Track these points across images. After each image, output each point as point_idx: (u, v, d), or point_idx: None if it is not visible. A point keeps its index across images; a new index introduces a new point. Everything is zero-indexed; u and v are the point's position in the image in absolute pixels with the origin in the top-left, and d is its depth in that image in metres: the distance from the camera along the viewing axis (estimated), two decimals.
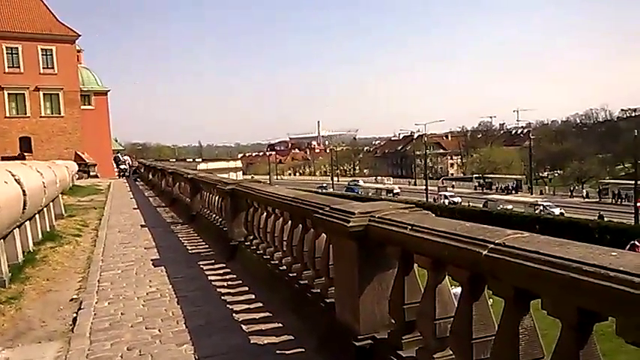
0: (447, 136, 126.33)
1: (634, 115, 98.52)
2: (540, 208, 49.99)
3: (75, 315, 5.78)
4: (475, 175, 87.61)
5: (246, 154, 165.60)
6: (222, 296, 6.09)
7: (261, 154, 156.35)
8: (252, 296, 5.94)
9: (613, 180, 70.52)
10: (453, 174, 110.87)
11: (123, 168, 40.47)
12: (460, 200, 61.03)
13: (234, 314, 5.40)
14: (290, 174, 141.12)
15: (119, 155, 48.60)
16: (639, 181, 44.83)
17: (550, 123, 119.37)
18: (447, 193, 68.92)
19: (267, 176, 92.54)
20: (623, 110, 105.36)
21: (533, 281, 2.20)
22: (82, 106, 53.57)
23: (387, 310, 3.60)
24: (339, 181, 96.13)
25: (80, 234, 11.76)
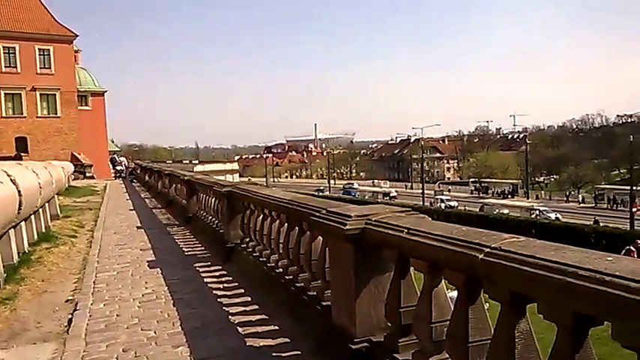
0: (443, 140, 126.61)
1: (630, 121, 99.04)
2: (537, 212, 50.14)
3: (70, 316, 5.77)
4: (471, 180, 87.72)
5: (243, 156, 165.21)
6: (219, 298, 6.09)
7: (258, 156, 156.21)
8: (249, 299, 5.94)
9: (609, 185, 70.78)
10: (449, 178, 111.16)
11: (119, 169, 40.48)
12: (456, 204, 61.21)
13: (230, 316, 5.40)
14: (287, 177, 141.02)
15: (115, 156, 48.58)
16: (635, 187, 44.99)
17: (546, 128, 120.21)
18: (443, 197, 68.93)
19: (264, 179, 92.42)
20: (619, 116, 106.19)
21: (529, 285, 2.21)
22: (78, 107, 53.38)
23: (383, 314, 3.60)
24: (335, 184, 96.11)
25: (76, 235, 11.73)
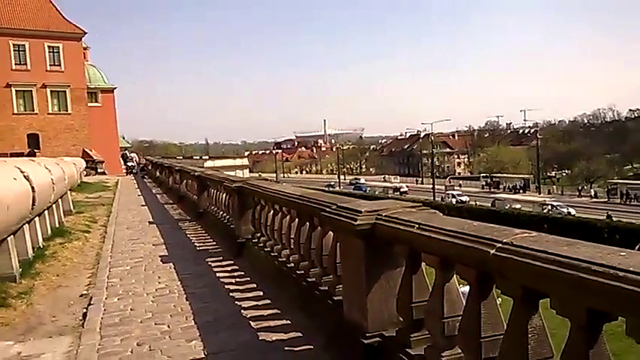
0: (453, 136, 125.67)
1: None
2: (549, 207, 49.66)
3: (85, 310, 5.85)
4: (482, 175, 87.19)
5: (253, 152, 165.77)
6: (231, 293, 6.13)
7: (268, 152, 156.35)
8: (260, 293, 5.98)
9: (621, 180, 70.03)
10: (460, 173, 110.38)
11: (130, 165, 40.72)
12: (468, 199, 60.77)
13: (242, 311, 5.44)
14: (297, 172, 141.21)
15: (126, 152, 48.89)
16: None
17: (557, 123, 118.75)
18: (454, 191, 68.60)
19: (274, 174, 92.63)
20: (631, 110, 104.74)
21: (541, 281, 2.20)
22: (89, 104, 53.85)
23: (394, 308, 3.61)
24: (345, 179, 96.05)
25: (89, 230, 11.86)
